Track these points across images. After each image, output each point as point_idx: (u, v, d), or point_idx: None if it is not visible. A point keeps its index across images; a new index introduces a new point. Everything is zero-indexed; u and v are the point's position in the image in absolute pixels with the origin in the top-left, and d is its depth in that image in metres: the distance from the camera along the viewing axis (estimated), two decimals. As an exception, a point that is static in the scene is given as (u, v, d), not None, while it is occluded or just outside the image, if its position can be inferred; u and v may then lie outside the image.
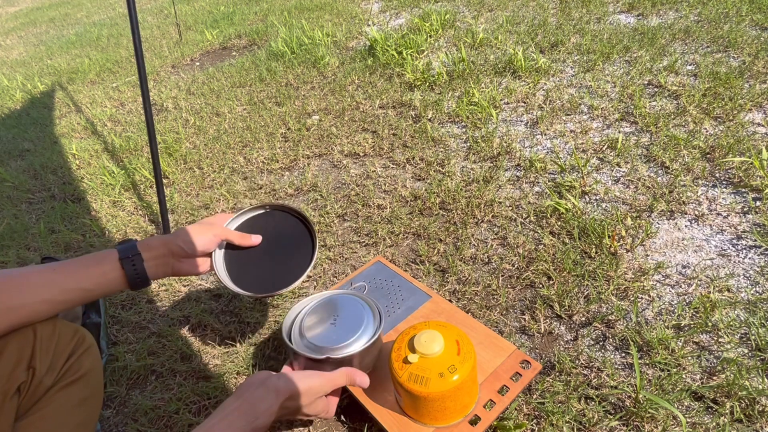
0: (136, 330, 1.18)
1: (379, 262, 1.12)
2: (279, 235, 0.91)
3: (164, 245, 0.77)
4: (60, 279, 0.67)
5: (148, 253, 0.74)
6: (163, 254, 0.76)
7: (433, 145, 1.64)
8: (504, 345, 0.88)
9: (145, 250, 0.74)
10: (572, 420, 0.82)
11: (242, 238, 0.87)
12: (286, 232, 0.91)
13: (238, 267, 0.87)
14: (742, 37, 1.87)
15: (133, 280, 0.72)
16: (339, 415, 0.91)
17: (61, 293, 0.67)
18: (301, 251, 0.88)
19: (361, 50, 2.52)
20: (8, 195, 1.86)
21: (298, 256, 0.87)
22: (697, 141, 1.39)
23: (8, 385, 0.64)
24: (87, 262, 0.71)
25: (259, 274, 0.86)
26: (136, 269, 0.72)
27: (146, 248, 0.74)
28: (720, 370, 0.85)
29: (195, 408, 0.97)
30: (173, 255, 0.78)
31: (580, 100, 1.72)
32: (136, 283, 0.73)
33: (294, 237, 0.90)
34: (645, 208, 1.22)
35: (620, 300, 1.01)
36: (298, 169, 1.68)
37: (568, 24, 2.32)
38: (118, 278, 0.71)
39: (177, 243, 0.78)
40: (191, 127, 2.10)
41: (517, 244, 1.19)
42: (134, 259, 0.72)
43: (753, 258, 1.05)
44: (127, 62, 3.20)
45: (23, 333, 0.66)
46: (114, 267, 0.71)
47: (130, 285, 0.73)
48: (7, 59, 3.97)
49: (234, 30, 3.38)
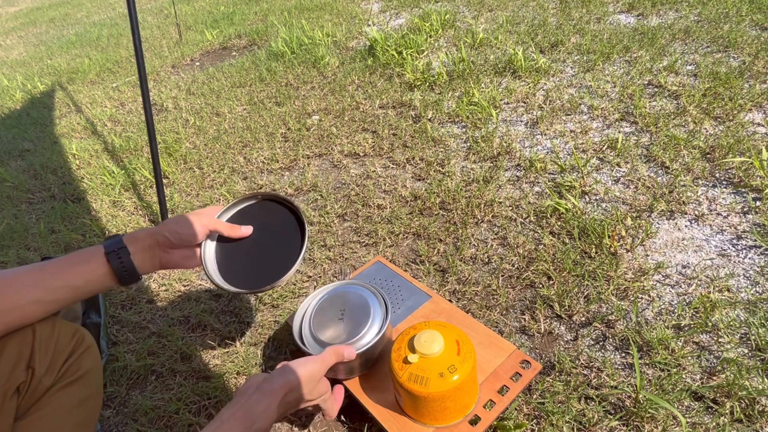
0: (136, 330, 1.17)
1: (379, 262, 1.12)
2: (270, 225, 0.89)
3: (150, 236, 0.75)
4: (47, 278, 0.66)
5: (134, 246, 0.72)
6: (150, 245, 0.75)
7: (433, 145, 1.64)
8: (504, 345, 0.88)
9: (131, 243, 0.72)
10: (572, 420, 0.82)
11: (232, 229, 0.85)
12: (277, 222, 0.89)
13: (228, 260, 0.86)
14: (742, 37, 1.87)
15: (121, 274, 0.71)
16: (339, 415, 0.91)
17: (49, 293, 0.66)
18: (292, 242, 0.86)
19: (361, 50, 2.52)
20: (8, 195, 1.86)
21: (289, 247, 0.85)
22: (697, 141, 1.39)
23: (7, 385, 0.63)
24: (74, 260, 0.69)
25: (249, 267, 0.85)
26: (122, 263, 0.70)
27: (132, 241, 0.72)
28: (720, 370, 0.85)
29: (195, 408, 0.97)
30: (160, 246, 0.76)
31: (580, 100, 1.72)
32: (125, 278, 0.71)
33: (285, 228, 0.88)
34: (645, 208, 1.22)
35: (620, 300, 1.01)
36: (298, 169, 1.68)
37: (568, 24, 2.32)
38: (105, 274, 0.70)
39: (163, 233, 0.76)
40: (191, 127, 2.10)
41: (517, 244, 1.19)
42: (120, 253, 0.70)
43: (753, 258, 1.05)
44: (127, 62, 3.20)
45: (22, 333, 0.66)
46: (101, 263, 0.70)
47: (118, 280, 0.71)
48: (7, 59, 3.97)
49: (234, 30, 3.38)
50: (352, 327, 0.85)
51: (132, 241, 0.73)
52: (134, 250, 0.72)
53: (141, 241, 0.74)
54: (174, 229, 0.77)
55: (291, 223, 0.88)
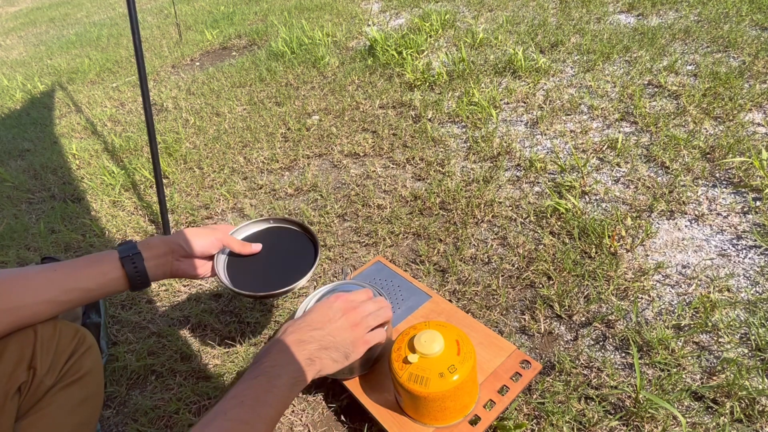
0: (136, 330, 1.18)
1: (379, 262, 1.12)
2: (281, 245, 0.92)
3: (164, 244, 0.77)
4: (60, 279, 0.67)
5: (148, 252, 0.74)
6: (164, 253, 0.76)
7: (433, 145, 1.64)
8: (504, 345, 0.88)
9: (146, 249, 0.74)
10: (572, 420, 0.82)
11: (243, 246, 0.88)
12: (289, 243, 0.92)
13: (238, 271, 0.88)
14: (742, 37, 1.87)
15: (134, 279, 0.72)
16: (339, 415, 0.91)
17: (62, 293, 0.67)
18: (302, 259, 0.89)
19: (361, 50, 2.52)
20: (8, 195, 1.86)
21: (300, 263, 0.88)
22: (697, 141, 1.39)
23: (9, 385, 0.64)
24: (87, 262, 0.71)
25: (258, 277, 0.87)
26: (136, 268, 0.72)
27: (146, 247, 0.74)
28: (720, 370, 0.85)
29: (195, 408, 0.97)
30: (173, 254, 0.78)
31: (580, 100, 1.72)
32: (137, 283, 0.73)
33: (296, 247, 0.91)
34: (645, 208, 1.23)
35: (620, 300, 1.01)
36: (298, 169, 1.68)
37: (568, 24, 2.32)
38: (118, 278, 0.71)
39: (177, 242, 0.78)
40: (191, 127, 2.10)
41: (517, 244, 1.19)
42: (134, 258, 0.72)
43: (753, 258, 1.05)
44: (127, 62, 3.20)
45: (24, 333, 0.66)
46: (115, 266, 0.71)
47: (131, 285, 0.73)
48: (7, 59, 3.97)
49: (234, 30, 3.38)
50: None
51: (146, 247, 0.74)
52: (148, 256, 0.74)
53: (155, 248, 0.75)
54: (188, 240, 0.79)
55: (302, 243, 0.91)
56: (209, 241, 0.81)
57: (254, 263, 0.89)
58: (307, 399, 0.94)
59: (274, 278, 0.86)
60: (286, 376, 0.62)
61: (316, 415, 0.92)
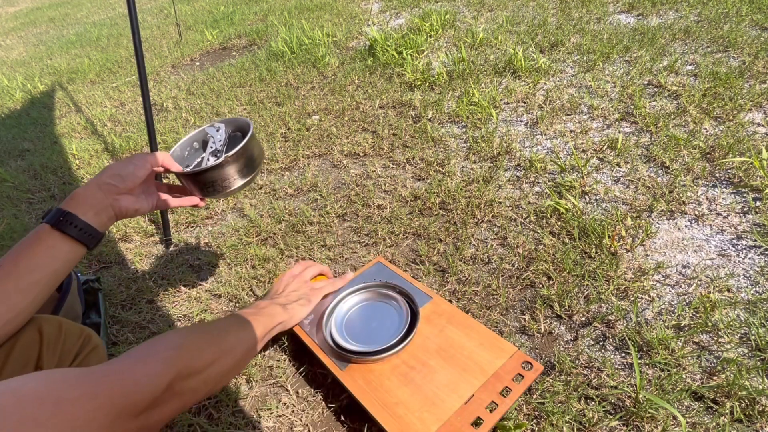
0: (136, 330, 1.17)
1: (379, 263, 1.12)
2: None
3: (91, 188, 0.73)
4: (13, 280, 0.63)
5: (80, 207, 0.70)
6: (96, 198, 0.72)
7: (433, 145, 1.64)
8: (505, 346, 0.88)
9: (75, 206, 0.70)
10: (572, 420, 0.82)
11: (173, 166, 0.83)
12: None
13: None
14: (742, 37, 1.87)
15: (83, 238, 0.69)
16: (339, 415, 0.91)
17: (22, 294, 0.63)
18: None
19: (361, 50, 2.52)
20: (8, 195, 1.86)
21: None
22: (697, 141, 1.39)
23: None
24: (28, 249, 0.66)
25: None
26: (77, 227, 0.68)
27: (75, 204, 0.70)
28: (720, 370, 0.85)
29: (195, 408, 0.97)
30: (107, 194, 0.74)
31: (580, 100, 1.72)
32: (89, 240, 0.69)
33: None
34: (645, 208, 1.23)
35: (620, 300, 1.01)
36: (298, 169, 1.68)
37: (568, 24, 2.32)
38: (69, 245, 0.68)
39: (104, 180, 0.74)
40: (191, 128, 2.10)
41: (517, 244, 1.19)
42: (69, 219, 0.68)
43: (753, 258, 1.05)
44: (127, 62, 3.21)
45: (29, 334, 0.66)
46: (54, 237, 0.67)
47: (85, 244, 0.69)
48: (7, 59, 3.97)
49: (234, 30, 3.38)
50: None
51: (75, 204, 0.70)
52: (82, 210, 0.70)
53: (84, 198, 0.71)
54: (113, 172, 0.75)
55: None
56: (133, 165, 0.77)
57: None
58: (307, 399, 0.94)
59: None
60: (266, 316, 0.86)
61: (316, 415, 0.92)
